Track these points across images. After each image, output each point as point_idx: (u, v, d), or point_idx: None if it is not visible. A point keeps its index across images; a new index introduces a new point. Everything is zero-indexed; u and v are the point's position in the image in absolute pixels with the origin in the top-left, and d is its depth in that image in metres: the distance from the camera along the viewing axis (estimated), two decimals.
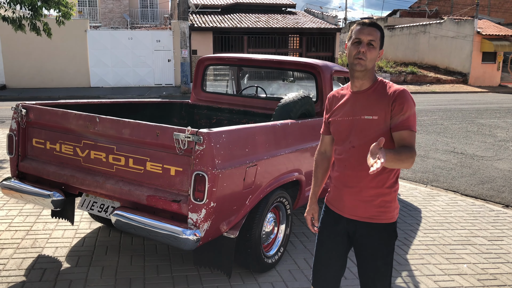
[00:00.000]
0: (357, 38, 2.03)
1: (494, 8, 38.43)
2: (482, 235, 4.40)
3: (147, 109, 4.83)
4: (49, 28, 9.81)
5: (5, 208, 4.62)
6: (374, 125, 2.02)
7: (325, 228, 2.27)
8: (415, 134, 2.02)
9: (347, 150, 2.10)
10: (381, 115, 2.01)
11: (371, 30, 2.03)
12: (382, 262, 2.14)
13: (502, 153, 8.45)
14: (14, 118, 3.46)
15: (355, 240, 2.19)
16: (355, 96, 2.12)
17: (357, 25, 2.08)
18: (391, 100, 2.00)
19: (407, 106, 2.00)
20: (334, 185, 2.23)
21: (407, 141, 1.98)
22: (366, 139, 2.02)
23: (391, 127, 2.01)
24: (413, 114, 2.02)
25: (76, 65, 19.81)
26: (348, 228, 2.19)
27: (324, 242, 2.27)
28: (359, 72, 2.05)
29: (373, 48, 2.02)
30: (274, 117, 3.89)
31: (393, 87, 2.06)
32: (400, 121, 1.99)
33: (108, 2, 31.81)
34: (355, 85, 2.11)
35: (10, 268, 3.36)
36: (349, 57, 2.07)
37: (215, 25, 21.08)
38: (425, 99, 18.97)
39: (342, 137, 2.13)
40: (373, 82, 2.10)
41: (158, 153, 2.84)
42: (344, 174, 2.14)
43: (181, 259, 3.63)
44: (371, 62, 2.03)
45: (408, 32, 30.78)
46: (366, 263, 2.17)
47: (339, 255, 2.25)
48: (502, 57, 27.48)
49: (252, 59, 4.91)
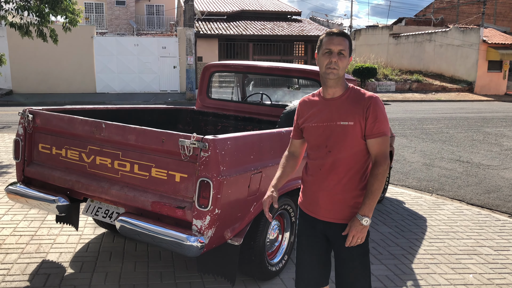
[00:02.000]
0: (327, 49, 2.11)
1: (500, 17, 38.40)
2: (488, 245, 4.36)
3: (152, 115, 4.85)
4: (56, 34, 9.89)
5: (10, 213, 4.63)
6: (350, 130, 2.11)
7: (303, 232, 2.33)
8: (389, 137, 2.14)
9: (323, 154, 2.18)
10: (356, 120, 2.10)
11: (340, 40, 2.11)
12: (358, 262, 2.21)
13: (508, 162, 8.39)
14: (21, 124, 3.48)
15: (332, 243, 2.26)
16: (328, 103, 2.20)
17: (326, 35, 2.15)
18: (365, 107, 2.10)
19: (380, 113, 2.11)
20: (308, 189, 2.28)
21: (381, 147, 2.11)
22: (343, 143, 2.13)
23: (366, 134, 2.12)
24: (386, 119, 2.14)
25: (82, 71, 19.95)
26: (324, 231, 2.25)
27: (304, 246, 2.33)
28: (332, 81, 2.14)
29: (343, 57, 2.11)
30: (279, 124, 3.89)
31: (366, 94, 2.15)
32: (374, 128, 2.10)
33: (114, 8, 32.07)
34: (328, 92, 2.20)
35: (14, 273, 3.36)
36: (321, 67, 2.15)
37: (221, 32, 21.19)
38: (430, 107, 18.92)
39: (317, 142, 2.20)
40: (345, 89, 2.19)
41: (163, 159, 2.84)
42: (319, 177, 2.20)
43: (185, 266, 3.62)
44: (342, 70, 2.12)
45: (413, 40, 30.78)
46: (343, 264, 2.23)
47: (320, 257, 2.30)
48: (508, 65, 27.40)
49: (257, 66, 4.93)
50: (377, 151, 2.11)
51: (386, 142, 2.12)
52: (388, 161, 2.12)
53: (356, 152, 2.13)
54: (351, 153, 2.13)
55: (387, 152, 2.13)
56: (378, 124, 2.09)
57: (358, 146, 2.13)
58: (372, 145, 2.12)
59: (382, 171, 2.08)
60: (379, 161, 2.10)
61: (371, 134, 2.10)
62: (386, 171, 2.10)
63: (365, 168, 2.18)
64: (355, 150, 2.13)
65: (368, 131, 2.10)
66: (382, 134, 2.10)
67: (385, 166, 2.09)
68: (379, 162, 2.10)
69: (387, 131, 2.12)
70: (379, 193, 2.10)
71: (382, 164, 2.09)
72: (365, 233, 2.11)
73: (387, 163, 2.11)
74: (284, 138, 3.37)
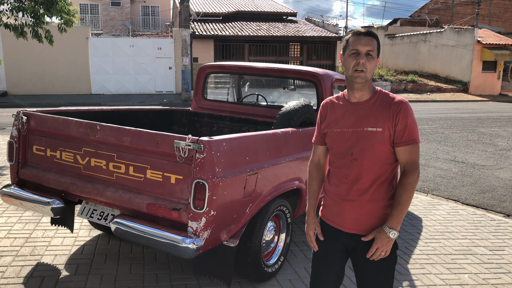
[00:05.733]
0: (354, 49, 1.98)
1: (494, 18, 38.60)
2: (483, 245, 4.38)
3: (147, 117, 4.83)
4: (51, 35, 9.86)
5: (5, 215, 4.60)
6: (378, 137, 1.98)
7: (323, 244, 2.20)
8: (419, 145, 2.02)
9: (348, 162, 2.05)
10: (384, 126, 1.97)
11: (368, 40, 1.97)
12: (383, 276, 2.10)
13: (503, 162, 8.43)
14: (15, 125, 3.46)
15: (355, 255, 2.13)
16: (355, 107, 2.06)
17: (353, 35, 2.01)
18: (395, 113, 1.97)
19: (410, 119, 1.98)
20: (331, 199, 2.15)
21: (411, 156, 1.99)
22: (370, 151, 2.00)
23: (395, 142, 1.99)
24: (416, 126, 2.01)
25: (77, 72, 19.87)
26: (347, 243, 2.13)
27: (322, 259, 2.21)
28: (359, 84, 2.01)
29: (372, 58, 1.98)
30: (275, 125, 3.88)
31: (396, 98, 2.02)
32: (405, 135, 1.97)
33: (110, 9, 31.98)
34: (355, 96, 2.06)
35: (9, 276, 3.34)
36: (347, 69, 2.02)
37: (216, 33, 21.17)
38: (425, 108, 18.98)
39: (342, 149, 2.07)
40: (372, 92, 2.06)
41: (159, 161, 2.83)
42: (345, 187, 2.07)
43: (181, 267, 3.61)
44: (370, 72, 1.99)
45: (408, 41, 30.87)
46: (367, 278, 2.12)
47: (337, 271, 2.21)
48: (503, 66, 27.54)
49: (253, 67, 4.92)
50: (407, 159, 1.99)
51: (416, 150, 1.99)
52: (419, 171, 2.00)
53: (384, 160, 2.01)
54: (379, 161, 2.01)
55: (417, 160, 2.01)
56: (408, 131, 1.97)
57: (386, 154, 2.01)
58: (401, 153, 1.99)
59: (412, 181, 1.96)
60: (409, 170, 1.98)
61: (401, 142, 1.97)
62: (416, 181, 1.97)
63: (393, 176, 2.06)
64: (383, 158, 2.01)
65: (397, 138, 1.97)
66: (413, 141, 1.97)
67: (415, 176, 1.97)
68: (409, 171, 1.98)
69: (418, 139, 2.00)
70: (408, 204, 1.98)
71: (412, 174, 1.97)
72: (390, 247, 1.99)
73: (417, 173, 1.99)
74: (280, 139, 3.38)
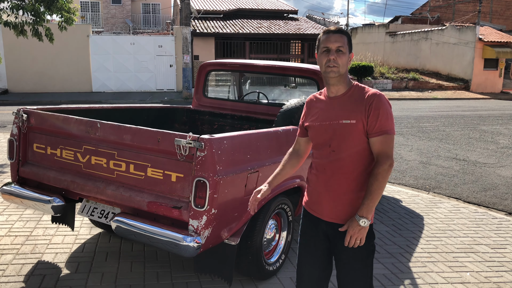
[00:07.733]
0: (325, 47, 2.09)
1: (496, 15, 38.50)
2: (485, 243, 4.37)
3: (148, 115, 4.82)
4: (51, 33, 9.84)
5: (5, 213, 4.60)
6: (353, 129, 2.06)
7: (306, 232, 2.31)
8: (393, 136, 2.08)
9: (326, 154, 2.15)
10: (358, 119, 2.06)
11: (337, 37, 2.08)
12: (361, 264, 2.17)
13: (504, 160, 8.41)
14: (15, 123, 3.45)
15: (334, 244, 2.21)
16: (331, 101, 2.17)
17: (323, 34, 2.13)
18: (367, 105, 2.06)
19: (383, 110, 2.05)
20: (312, 188, 2.26)
21: (382, 146, 2.05)
22: (346, 142, 2.09)
23: (368, 133, 2.06)
24: (390, 117, 2.08)
25: (78, 70, 19.86)
26: (327, 231, 2.22)
27: (305, 246, 2.31)
28: (333, 79, 2.11)
29: (342, 54, 2.08)
30: (276, 123, 3.87)
31: (370, 91, 2.11)
32: (376, 126, 2.04)
33: (110, 7, 31.96)
34: (331, 91, 2.17)
35: (9, 274, 3.34)
36: (321, 66, 2.13)
37: (217, 31, 21.15)
38: (427, 106, 18.95)
39: (321, 141, 2.18)
40: (348, 86, 2.16)
41: (159, 159, 2.82)
42: (324, 177, 2.17)
43: (182, 266, 3.61)
44: (343, 67, 2.08)
45: (410, 39, 30.81)
46: (344, 266, 2.20)
47: (322, 257, 2.28)
48: (504, 63, 27.48)
49: (254, 65, 4.91)
50: (379, 150, 2.05)
51: (388, 141, 2.05)
52: (391, 161, 2.05)
53: (360, 151, 2.08)
54: (355, 152, 2.08)
55: (390, 151, 2.06)
56: (380, 122, 2.03)
57: (362, 145, 2.08)
58: (374, 143, 2.06)
59: (382, 171, 2.02)
60: (379, 161, 2.04)
61: (373, 133, 2.04)
62: (386, 171, 2.02)
63: (371, 168, 2.12)
64: (359, 149, 2.08)
65: (370, 129, 2.05)
66: (384, 132, 2.04)
67: (385, 166, 2.02)
68: (380, 162, 2.04)
69: (390, 130, 2.05)
70: (379, 194, 2.03)
71: (382, 164, 2.03)
72: (363, 234, 2.06)
73: (389, 163, 2.04)
74: (281, 137, 3.36)
